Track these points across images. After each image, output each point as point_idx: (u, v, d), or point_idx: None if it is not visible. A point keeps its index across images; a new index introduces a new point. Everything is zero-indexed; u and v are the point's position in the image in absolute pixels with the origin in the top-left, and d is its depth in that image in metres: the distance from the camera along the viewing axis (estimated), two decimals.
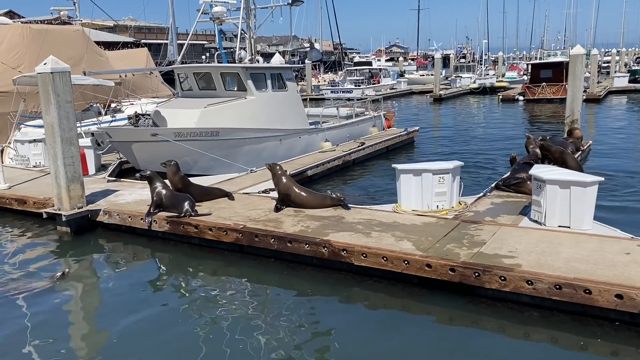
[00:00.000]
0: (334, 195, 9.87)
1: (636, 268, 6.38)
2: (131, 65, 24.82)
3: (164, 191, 9.56)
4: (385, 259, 7.29)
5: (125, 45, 36.42)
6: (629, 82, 45.35)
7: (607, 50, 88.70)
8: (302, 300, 7.21)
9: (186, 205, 9.33)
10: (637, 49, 76.21)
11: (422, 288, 7.13)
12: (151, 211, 9.49)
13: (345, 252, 7.62)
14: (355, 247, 7.56)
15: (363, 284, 7.46)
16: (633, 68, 52.66)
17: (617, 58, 62.77)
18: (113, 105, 18.69)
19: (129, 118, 14.16)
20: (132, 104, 19.13)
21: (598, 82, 42.53)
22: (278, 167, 9.92)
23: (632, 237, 7.57)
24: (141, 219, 9.58)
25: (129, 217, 9.83)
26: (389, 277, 7.39)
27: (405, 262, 7.14)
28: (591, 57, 41.30)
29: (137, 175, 9.92)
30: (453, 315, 6.59)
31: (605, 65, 67.40)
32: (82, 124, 15.27)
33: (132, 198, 10.75)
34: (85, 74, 17.17)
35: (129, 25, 54.07)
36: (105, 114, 17.42)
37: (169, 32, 27.45)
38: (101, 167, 14.31)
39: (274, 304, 7.15)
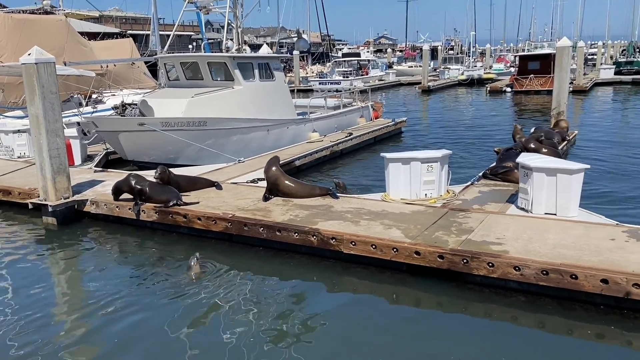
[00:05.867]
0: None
1: (621, 253, 6.47)
2: (115, 55, 24.47)
3: (146, 183, 9.52)
4: (374, 246, 7.32)
5: (110, 35, 35.92)
6: (615, 74, 45.80)
7: (593, 42, 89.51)
8: (291, 287, 7.20)
9: (172, 198, 9.32)
10: (622, 42, 76.74)
11: (411, 275, 7.17)
12: (138, 202, 9.43)
13: (334, 240, 7.63)
14: (345, 236, 7.57)
15: (351, 271, 7.48)
16: (619, 60, 53.07)
17: (603, 50, 63.23)
18: (94, 96, 18.44)
19: (115, 108, 14.01)
20: (114, 95, 18.90)
21: (584, 74, 42.87)
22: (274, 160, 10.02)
23: (616, 224, 7.67)
24: (129, 208, 9.51)
25: (117, 207, 9.75)
26: (378, 264, 7.42)
27: (394, 249, 7.17)
28: (577, 49, 41.67)
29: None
30: (441, 302, 6.64)
31: (592, 57, 67.84)
32: (63, 115, 15.05)
33: None
34: (65, 64, 16.88)
35: (115, 15, 53.39)
36: (86, 105, 17.21)
37: (151, 22, 27.07)
38: (87, 158, 14.15)
39: (262, 291, 7.13)
